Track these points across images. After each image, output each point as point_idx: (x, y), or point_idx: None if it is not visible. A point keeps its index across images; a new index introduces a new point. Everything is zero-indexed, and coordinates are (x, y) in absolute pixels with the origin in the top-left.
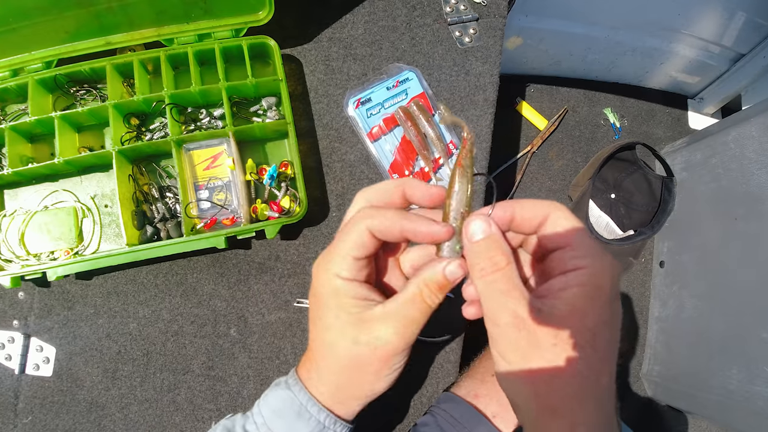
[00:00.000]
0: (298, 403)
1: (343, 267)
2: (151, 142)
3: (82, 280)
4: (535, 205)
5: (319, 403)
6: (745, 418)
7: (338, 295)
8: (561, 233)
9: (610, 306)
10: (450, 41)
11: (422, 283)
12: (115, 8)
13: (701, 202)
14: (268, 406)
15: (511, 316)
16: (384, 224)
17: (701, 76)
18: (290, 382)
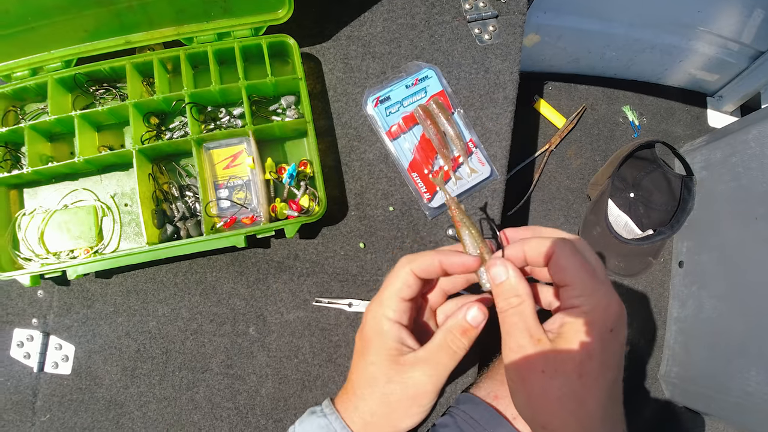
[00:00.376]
0: (333, 430)
1: (390, 307)
2: (171, 141)
3: (102, 279)
4: (540, 244)
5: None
6: (764, 421)
7: (383, 336)
8: (562, 273)
9: (601, 340)
10: (469, 39)
11: (448, 331)
12: (134, 7)
13: (721, 202)
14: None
15: (516, 344)
16: (425, 262)
17: (720, 74)
18: (326, 411)
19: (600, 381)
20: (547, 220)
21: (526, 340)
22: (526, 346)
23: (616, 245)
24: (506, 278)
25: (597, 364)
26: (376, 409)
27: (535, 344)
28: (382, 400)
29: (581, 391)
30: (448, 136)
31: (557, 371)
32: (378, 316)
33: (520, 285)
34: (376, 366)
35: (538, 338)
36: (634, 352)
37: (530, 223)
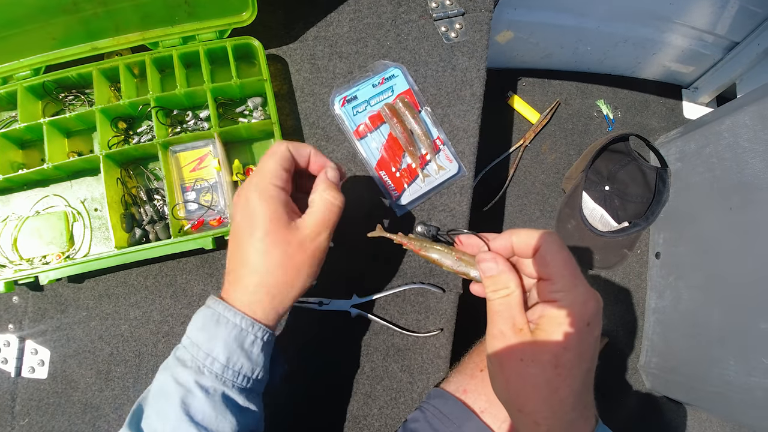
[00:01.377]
0: (216, 314)
1: (276, 176)
2: (138, 146)
3: (75, 284)
4: (528, 235)
5: (235, 307)
6: (745, 410)
7: (271, 202)
8: (545, 266)
9: (578, 334)
10: (436, 37)
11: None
12: (100, 14)
13: (696, 193)
14: (191, 326)
15: (498, 330)
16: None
17: (695, 66)
18: (209, 302)
19: (574, 371)
20: (522, 215)
21: (508, 327)
22: (508, 334)
23: (591, 238)
24: (496, 273)
25: (573, 356)
26: (270, 279)
27: (516, 333)
28: (279, 263)
29: (556, 380)
30: (415, 134)
31: (534, 360)
32: (264, 185)
33: (510, 278)
34: (270, 233)
35: (520, 327)
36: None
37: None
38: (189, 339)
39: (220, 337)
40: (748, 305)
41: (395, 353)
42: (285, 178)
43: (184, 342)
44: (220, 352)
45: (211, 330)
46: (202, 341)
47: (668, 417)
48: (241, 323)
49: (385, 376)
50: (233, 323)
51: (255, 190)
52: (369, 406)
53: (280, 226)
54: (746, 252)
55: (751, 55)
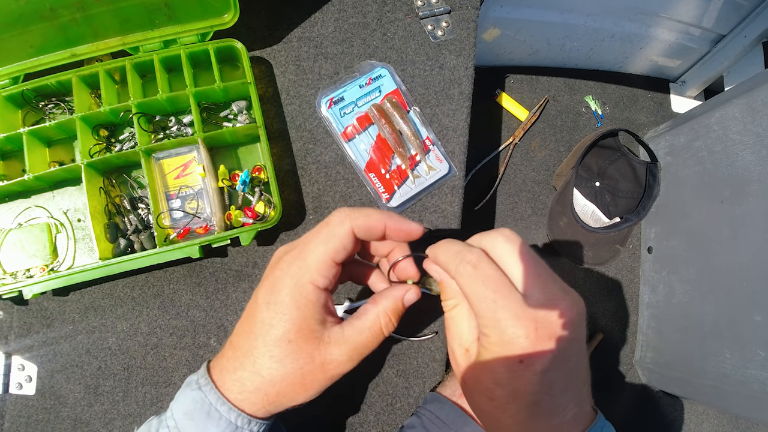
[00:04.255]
0: (208, 403)
1: (320, 272)
2: (120, 153)
3: (60, 297)
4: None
5: (231, 402)
6: (742, 402)
7: (307, 308)
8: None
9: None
10: (422, 35)
11: (383, 313)
12: (79, 20)
13: (687, 186)
14: (179, 408)
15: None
16: (369, 221)
17: (682, 59)
18: (201, 381)
19: (510, 406)
20: (514, 213)
21: (456, 347)
22: (457, 354)
23: (583, 234)
24: (443, 278)
25: (506, 392)
26: (280, 385)
27: (462, 354)
28: (293, 379)
29: (493, 411)
30: (404, 134)
31: (473, 388)
32: (302, 281)
33: (454, 286)
34: (291, 342)
35: (466, 348)
36: (609, 338)
37: (497, 217)
38: (174, 422)
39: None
40: (741, 297)
41: (390, 358)
42: (333, 274)
43: (169, 422)
44: None
45: (201, 422)
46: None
47: (665, 410)
48: (236, 421)
49: (381, 382)
50: (227, 420)
51: (290, 282)
52: (365, 413)
53: (305, 337)
54: (739, 244)
55: (737, 47)
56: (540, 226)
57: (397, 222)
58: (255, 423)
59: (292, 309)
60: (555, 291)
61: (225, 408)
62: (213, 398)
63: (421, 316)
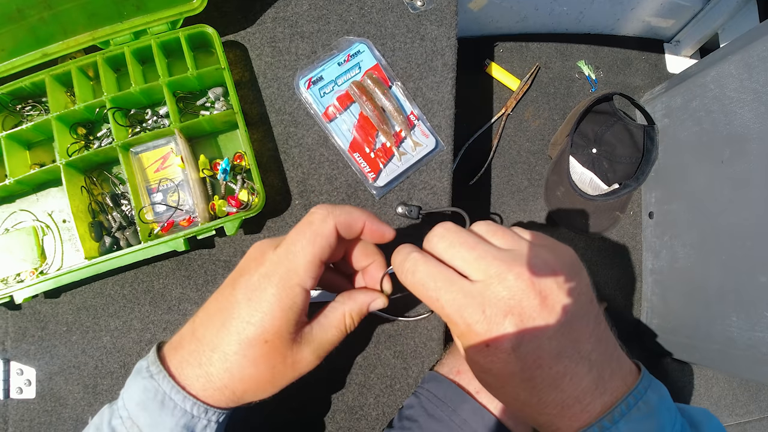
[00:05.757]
0: (162, 392)
1: (309, 275)
2: (98, 150)
3: (51, 299)
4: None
5: (186, 390)
6: (750, 365)
7: (291, 311)
8: None
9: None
10: (401, 7)
11: (348, 314)
12: (47, 18)
13: (685, 148)
14: (130, 397)
15: None
16: (351, 219)
17: (675, 19)
18: (152, 369)
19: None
20: (510, 186)
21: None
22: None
23: (581, 203)
24: None
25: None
26: (245, 380)
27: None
28: (258, 374)
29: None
30: (387, 111)
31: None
32: (291, 284)
33: None
34: (269, 344)
35: None
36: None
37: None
38: (127, 412)
39: (165, 425)
40: (746, 259)
41: (386, 340)
42: (317, 275)
43: (121, 413)
44: None
45: (154, 412)
46: (144, 423)
47: (674, 377)
48: (191, 410)
49: (379, 364)
50: (182, 409)
51: (278, 283)
52: (364, 395)
53: (281, 339)
54: (741, 205)
55: (731, 3)
56: (537, 197)
57: (375, 222)
58: (212, 412)
59: (276, 311)
60: (497, 264)
61: (180, 397)
62: (167, 387)
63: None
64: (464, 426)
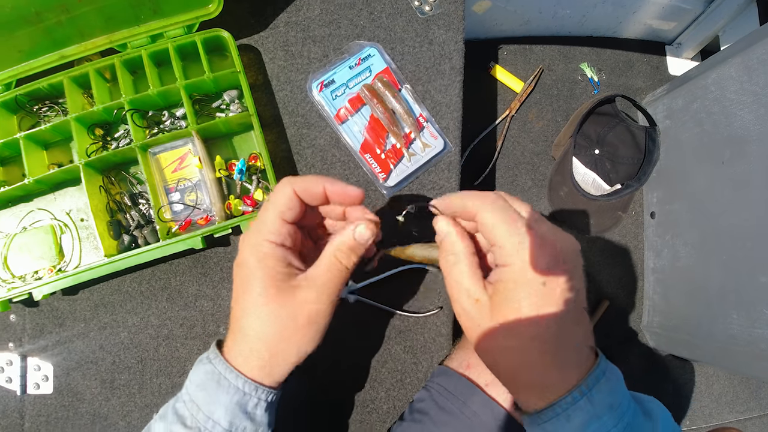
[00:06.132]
0: (217, 373)
1: (272, 231)
2: (117, 151)
3: (69, 296)
4: (462, 203)
5: (237, 370)
6: (751, 362)
7: (266, 261)
8: (488, 231)
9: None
10: (410, 12)
11: (336, 248)
12: (64, 21)
13: (687, 149)
14: (192, 382)
15: (460, 307)
16: (308, 183)
17: (677, 21)
18: (210, 355)
19: (535, 338)
20: (514, 186)
21: (464, 300)
22: (467, 308)
23: (584, 203)
24: (446, 234)
25: (530, 323)
26: (269, 342)
27: (473, 304)
28: (274, 331)
29: (519, 347)
30: (397, 113)
31: (497, 332)
32: (258, 241)
33: (457, 242)
34: (264, 296)
35: (476, 298)
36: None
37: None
38: (189, 395)
39: (221, 402)
40: (746, 259)
41: (397, 335)
42: (283, 232)
43: (184, 396)
44: (221, 416)
45: (212, 391)
46: (202, 402)
47: (675, 374)
48: (243, 387)
49: (389, 359)
50: (235, 387)
51: (249, 246)
52: (375, 389)
53: (274, 288)
54: (741, 205)
55: (732, 5)
56: (541, 197)
57: (335, 185)
58: (262, 390)
59: (256, 266)
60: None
61: (233, 375)
62: (222, 368)
63: (426, 292)
64: (474, 418)
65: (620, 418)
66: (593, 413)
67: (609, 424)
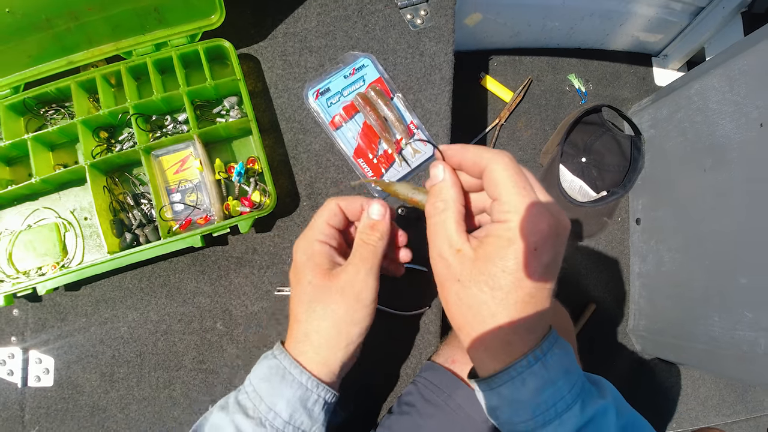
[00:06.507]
0: (282, 368)
1: (320, 232)
2: (121, 153)
3: (72, 292)
4: (477, 153)
5: (302, 365)
6: (732, 364)
7: (314, 256)
8: (493, 186)
9: (520, 258)
10: (402, 25)
11: (359, 231)
12: (73, 28)
13: (671, 158)
14: (256, 375)
15: (437, 252)
16: (350, 200)
17: (663, 33)
18: (276, 351)
19: (512, 295)
20: None
21: (446, 248)
22: (446, 255)
23: (570, 209)
24: (440, 179)
25: (511, 280)
26: (321, 326)
27: (454, 254)
28: (325, 314)
29: (492, 302)
30: (389, 120)
31: (471, 281)
32: (309, 240)
33: (449, 190)
34: (313, 285)
35: (458, 248)
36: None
37: None
38: (252, 387)
39: (284, 395)
40: (727, 262)
41: (386, 333)
42: (329, 233)
43: (247, 388)
44: (282, 409)
45: (276, 384)
46: (265, 394)
47: (661, 378)
48: (306, 383)
49: (379, 356)
50: (299, 382)
51: (301, 245)
52: (365, 385)
53: (320, 275)
54: (722, 211)
55: (716, 18)
56: None
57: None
58: (322, 388)
59: (305, 263)
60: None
61: (297, 371)
62: (287, 363)
63: (415, 293)
64: (458, 410)
65: (573, 384)
66: (548, 378)
67: (564, 390)
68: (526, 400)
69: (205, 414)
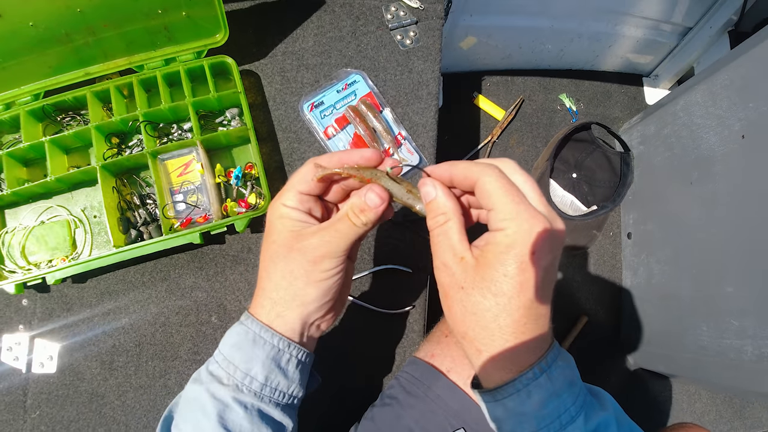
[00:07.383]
0: (252, 333)
1: (288, 198)
2: (130, 156)
3: (78, 284)
4: (466, 168)
5: (272, 329)
6: (720, 372)
7: (282, 218)
8: (486, 197)
9: (519, 263)
10: (392, 45)
11: (350, 206)
12: (90, 43)
13: (659, 172)
14: (226, 344)
15: (440, 261)
16: (326, 157)
17: (653, 54)
18: (242, 318)
19: (514, 300)
20: None
21: (449, 257)
22: (449, 264)
23: None
24: (434, 196)
25: (513, 284)
26: (280, 282)
27: (457, 262)
28: (284, 272)
29: (495, 308)
30: (378, 131)
31: (474, 288)
32: (276, 205)
33: (447, 203)
34: (277, 244)
35: (461, 256)
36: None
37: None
38: (223, 356)
39: (258, 358)
40: (714, 272)
41: (372, 331)
42: (298, 198)
43: (217, 358)
44: (258, 372)
45: (248, 350)
46: (239, 361)
47: (655, 392)
48: (278, 344)
49: (365, 353)
50: (270, 343)
51: (271, 210)
52: (351, 380)
53: (285, 235)
54: (708, 222)
55: (704, 38)
56: None
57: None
58: (293, 347)
59: (273, 221)
60: (553, 212)
61: (268, 334)
62: (256, 328)
63: (400, 292)
64: (438, 401)
65: (577, 396)
66: (552, 390)
67: (568, 402)
68: (531, 413)
69: (180, 393)
